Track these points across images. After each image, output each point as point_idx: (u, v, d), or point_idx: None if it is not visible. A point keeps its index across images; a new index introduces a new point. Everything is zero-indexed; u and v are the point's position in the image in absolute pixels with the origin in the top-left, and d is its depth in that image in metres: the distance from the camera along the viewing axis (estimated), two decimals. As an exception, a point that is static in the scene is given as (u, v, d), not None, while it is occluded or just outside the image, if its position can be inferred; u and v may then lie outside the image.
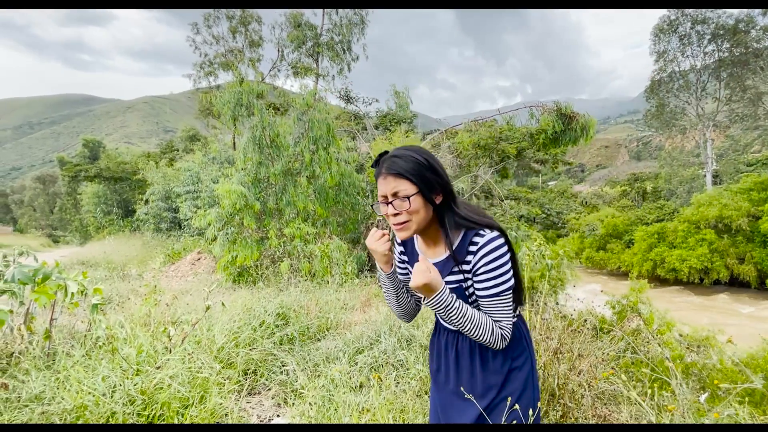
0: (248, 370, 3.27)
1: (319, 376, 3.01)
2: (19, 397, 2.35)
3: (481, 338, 1.22)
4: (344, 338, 3.57)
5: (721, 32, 25.80)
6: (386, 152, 1.25)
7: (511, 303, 1.24)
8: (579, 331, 2.44)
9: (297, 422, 2.55)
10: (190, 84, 16.71)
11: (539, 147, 8.16)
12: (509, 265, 1.21)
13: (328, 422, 2.48)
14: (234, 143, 14.20)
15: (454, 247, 1.23)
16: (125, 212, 25.89)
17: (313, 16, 10.07)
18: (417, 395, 2.63)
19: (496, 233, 1.21)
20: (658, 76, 28.50)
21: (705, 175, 27.37)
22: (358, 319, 4.13)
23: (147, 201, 18.26)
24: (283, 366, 3.29)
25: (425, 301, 1.20)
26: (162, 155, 26.50)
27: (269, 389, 3.11)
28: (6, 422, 2.15)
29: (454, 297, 1.20)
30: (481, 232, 1.21)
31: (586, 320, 2.53)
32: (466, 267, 1.22)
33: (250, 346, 3.46)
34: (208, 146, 16.95)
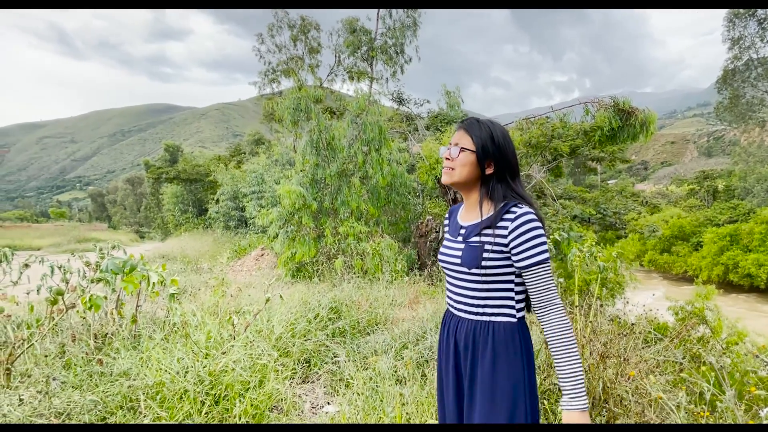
0: (302, 359, 3.51)
1: (366, 368, 3.16)
2: (111, 371, 2.71)
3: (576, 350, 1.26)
4: (392, 333, 3.70)
5: (809, 13, 22.61)
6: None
7: (552, 274, 1.31)
8: (625, 335, 2.36)
9: (345, 409, 2.71)
10: (256, 91, 17.72)
11: (594, 144, 7.72)
12: (545, 237, 1.30)
13: (373, 411, 2.62)
14: (294, 146, 14.88)
15: (489, 214, 1.35)
16: (199, 211, 28.03)
17: (367, 21, 10.31)
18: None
19: (531, 210, 1.30)
20: (732, 65, 25.32)
21: (788, 172, 24.19)
22: (405, 316, 4.24)
23: (218, 201, 19.54)
24: (334, 357, 3.49)
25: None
26: (231, 158, 28.17)
27: (320, 377, 3.32)
28: (101, 393, 2.51)
29: (573, 388, 1.23)
30: (520, 204, 1.32)
31: (633, 324, 2.44)
32: (499, 232, 1.31)
33: (304, 336, 3.68)
34: (271, 149, 17.87)
